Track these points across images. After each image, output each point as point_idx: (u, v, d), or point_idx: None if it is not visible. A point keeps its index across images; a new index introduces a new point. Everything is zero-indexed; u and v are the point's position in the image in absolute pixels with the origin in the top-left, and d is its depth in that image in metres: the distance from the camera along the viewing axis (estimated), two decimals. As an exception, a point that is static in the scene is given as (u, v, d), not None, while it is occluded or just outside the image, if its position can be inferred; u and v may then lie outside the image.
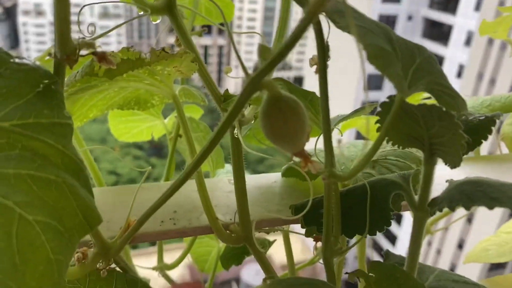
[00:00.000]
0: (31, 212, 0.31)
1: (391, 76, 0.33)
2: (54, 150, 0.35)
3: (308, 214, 0.54)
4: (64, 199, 0.34)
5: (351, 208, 0.53)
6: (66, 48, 0.38)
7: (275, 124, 0.39)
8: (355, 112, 0.57)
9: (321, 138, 0.50)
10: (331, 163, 0.46)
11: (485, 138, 0.47)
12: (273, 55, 0.35)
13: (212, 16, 0.84)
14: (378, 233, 0.52)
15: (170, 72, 0.56)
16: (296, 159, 0.43)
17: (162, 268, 0.77)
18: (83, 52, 0.42)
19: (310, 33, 0.45)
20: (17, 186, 0.32)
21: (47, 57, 0.41)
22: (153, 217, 0.60)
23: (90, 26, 0.48)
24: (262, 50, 0.40)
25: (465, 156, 0.44)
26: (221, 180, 0.69)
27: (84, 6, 0.47)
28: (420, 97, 0.92)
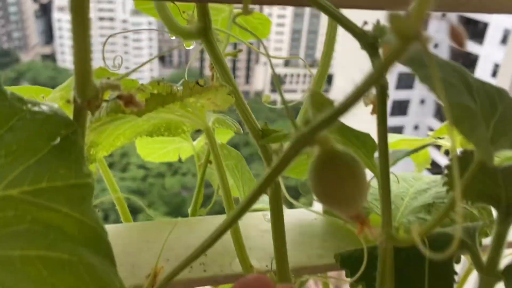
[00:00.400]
0: (39, 305, 0.26)
1: (477, 144, 0.27)
2: (70, 220, 0.30)
3: (354, 267, 0.48)
4: (81, 284, 0.28)
5: (407, 265, 0.46)
6: (87, 92, 0.33)
7: (329, 186, 0.33)
8: (414, 151, 0.50)
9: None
10: (388, 223, 0.39)
11: None
12: (331, 113, 0.29)
13: (246, 33, 0.78)
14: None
15: (203, 104, 0.51)
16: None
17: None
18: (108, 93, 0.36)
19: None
20: (24, 272, 0.26)
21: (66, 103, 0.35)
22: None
23: (116, 59, 0.43)
24: (315, 98, 0.34)
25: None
26: (256, 216, 0.63)
27: (110, 36, 0.42)
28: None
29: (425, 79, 0.27)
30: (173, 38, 0.60)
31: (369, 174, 0.51)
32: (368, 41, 0.37)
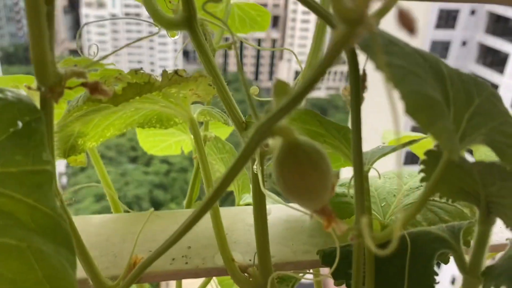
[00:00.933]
0: (-20, 290, 0.26)
1: (437, 135, 0.25)
2: (23, 206, 0.30)
3: (338, 266, 0.46)
4: (28, 270, 0.28)
5: (388, 263, 0.45)
6: (46, 79, 0.32)
7: (291, 178, 0.32)
8: (400, 147, 0.49)
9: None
10: (360, 219, 0.38)
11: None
12: (286, 101, 0.28)
13: (245, 25, 0.77)
14: None
15: (186, 95, 0.50)
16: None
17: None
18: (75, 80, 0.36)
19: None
20: (-33, 257, 0.26)
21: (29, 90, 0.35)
22: (166, 253, 0.54)
23: (91, 47, 0.43)
24: (278, 86, 0.33)
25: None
26: (244, 210, 0.63)
27: (84, 24, 0.41)
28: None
29: (380, 66, 0.26)
30: (172, 38, 0.59)
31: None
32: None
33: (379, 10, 0.24)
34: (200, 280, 0.69)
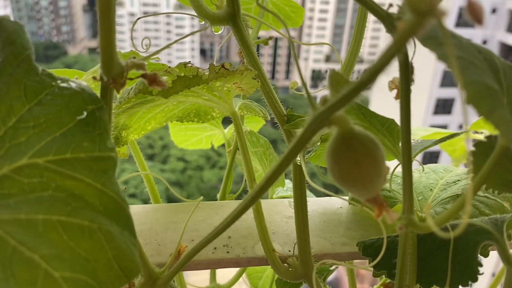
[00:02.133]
0: (59, 267, 0.27)
1: (497, 123, 0.26)
2: (92, 189, 0.31)
3: (377, 255, 0.47)
4: (99, 250, 0.30)
5: (430, 254, 0.46)
6: (111, 70, 0.34)
7: (346, 167, 0.33)
8: (441, 140, 0.49)
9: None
10: (410, 209, 0.39)
11: None
12: (347, 90, 0.29)
13: (279, 22, 0.78)
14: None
15: (229, 88, 0.51)
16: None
17: (215, 288, 0.73)
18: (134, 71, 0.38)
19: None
20: (46, 236, 0.28)
21: (93, 81, 0.37)
22: (206, 242, 0.56)
23: (144, 40, 0.44)
24: (334, 78, 0.34)
25: None
26: (281, 202, 0.64)
27: (138, 19, 0.43)
28: None
29: (443, 57, 0.26)
30: (216, 33, 0.61)
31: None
32: (393, 23, 0.37)
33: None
34: (224, 274, 0.70)
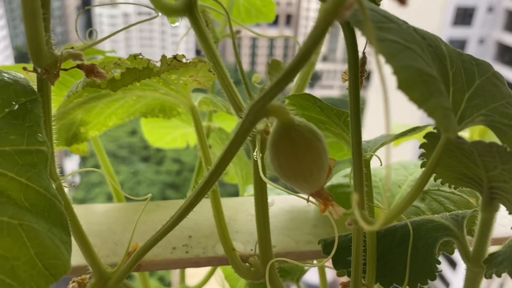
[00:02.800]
0: (-30, 265, 0.26)
1: (431, 111, 0.24)
2: (16, 184, 0.30)
3: (339, 255, 0.46)
4: (19, 247, 0.28)
5: (390, 252, 0.44)
6: (41, 60, 0.32)
7: (285, 159, 0.31)
8: (403, 135, 0.48)
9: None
10: (360, 205, 0.37)
11: None
12: (279, 77, 0.27)
13: (251, 16, 0.77)
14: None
15: (186, 81, 0.50)
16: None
17: (183, 290, 0.71)
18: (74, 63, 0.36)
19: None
20: (-43, 233, 0.26)
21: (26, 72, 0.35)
22: (166, 242, 0.54)
23: (91, 33, 0.43)
24: (273, 65, 0.32)
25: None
26: (248, 201, 0.62)
27: (83, 10, 0.41)
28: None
29: (374, 41, 0.25)
30: (172, 25, 0.59)
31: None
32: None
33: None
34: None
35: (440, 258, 0.43)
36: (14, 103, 0.33)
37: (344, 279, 0.51)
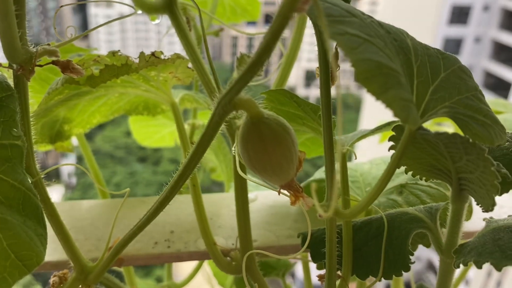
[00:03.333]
0: None
1: (389, 103, 0.25)
2: (-11, 178, 0.30)
3: (316, 247, 0.46)
4: (-10, 238, 0.29)
5: (366, 244, 0.45)
6: (15, 56, 0.33)
7: (255, 153, 0.32)
8: (378, 129, 0.48)
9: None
10: (333, 197, 0.38)
11: (533, 174, 0.37)
12: (243, 71, 0.28)
13: (236, 14, 0.78)
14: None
15: (166, 78, 0.50)
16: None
17: (170, 287, 0.72)
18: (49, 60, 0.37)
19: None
20: None
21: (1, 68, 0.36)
22: (148, 237, 0.55)
23: (69, 28, 0.43)
24: (241, 60, 0.33)
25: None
26: (231, 196, 0.63)
27: (61, 6, 0.42)
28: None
29: (333, 36, 0.26)
30: (152, 22, 0.59)
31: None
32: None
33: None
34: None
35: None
36: (-11, 98, 0.33)
37: (323, 271, 0.51)
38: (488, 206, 0.34)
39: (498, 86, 18.44)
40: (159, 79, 0.50)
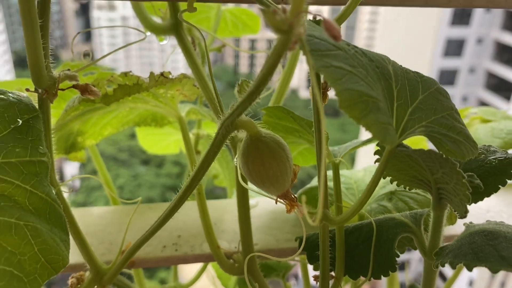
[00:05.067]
0: (-16, 259, 0.31)
1: (368, 126, 0.29)
2: (21, 191, 0.35)
3: (312, 250, 0.51)
4: (25, 244, 0.33)
5: (357, 247, 0.49)
6: (41, 83, 0.37)
7: (253, 166, 0.36)
8: (368, 141, 0.53)
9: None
10: (325, 204, 0.42)
11: (503, 184, 0.41)
12: (242, 98, 0.32)
13: (238, 29, 0.82)
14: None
15: (173, 95, 0.55)
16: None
17: None
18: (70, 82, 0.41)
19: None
20: (-27, 232, 0.31)
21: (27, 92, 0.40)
22: (157, 241, 0.59)
23: (85, 52, 0.48)
24: (242, 85, 0.37)
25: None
26: (234, 203, 0.67)
27: (78, 33, 0.46)
28: (467, 112, 0.84)
29: (320, 69, 0.30)
30: (160, 43, 0.63)
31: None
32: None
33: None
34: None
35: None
36: (18, 120, 0.38)
37: (319, 272, 0.56)
38: (462, 213, 0.38)
39: (501, 87, 18.42)
40: (167, 96, 0.54)
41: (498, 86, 18.52)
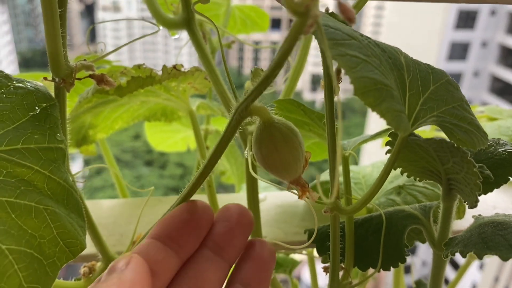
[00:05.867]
0: (6, 241, 0.31)
1: (383, 114, 0.30)
2: (40, 176, 0.35)
3: (322, 242, 0.51)
4: (44, 227, 0.34)
5: (366, 239, 0.50)
6: (59, 71, 0.38)
7: (267, 152, 0.37)
8: (377, 135, 0.53)
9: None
10: (336, 195, 0.43)
11: (513, 175, 0.42)
12: (257, 84, 0.33)
13: (247, 26, 0.83)
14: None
15: (185, 88, 0.55)
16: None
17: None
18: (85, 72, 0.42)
19: None
20: (-6, 214, 0.32)
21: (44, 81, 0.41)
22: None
23: (100, 44, 0.49)
24: (255, 73, 0.38)
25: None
26: (243, 197, 0.67)
27: (92, 26, 0.47)
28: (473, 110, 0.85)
29: (335, 56, 0.31)
30: (172, 37, 0.64)
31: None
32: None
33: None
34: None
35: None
36: (36, 107, 0.38)
37: (327, 265, 0.56)
38: (472, 202, 0.39)
39: (506, 90, 18.38)
40: (179, 89, 0.55)
41: (503, 90, 18.48)
